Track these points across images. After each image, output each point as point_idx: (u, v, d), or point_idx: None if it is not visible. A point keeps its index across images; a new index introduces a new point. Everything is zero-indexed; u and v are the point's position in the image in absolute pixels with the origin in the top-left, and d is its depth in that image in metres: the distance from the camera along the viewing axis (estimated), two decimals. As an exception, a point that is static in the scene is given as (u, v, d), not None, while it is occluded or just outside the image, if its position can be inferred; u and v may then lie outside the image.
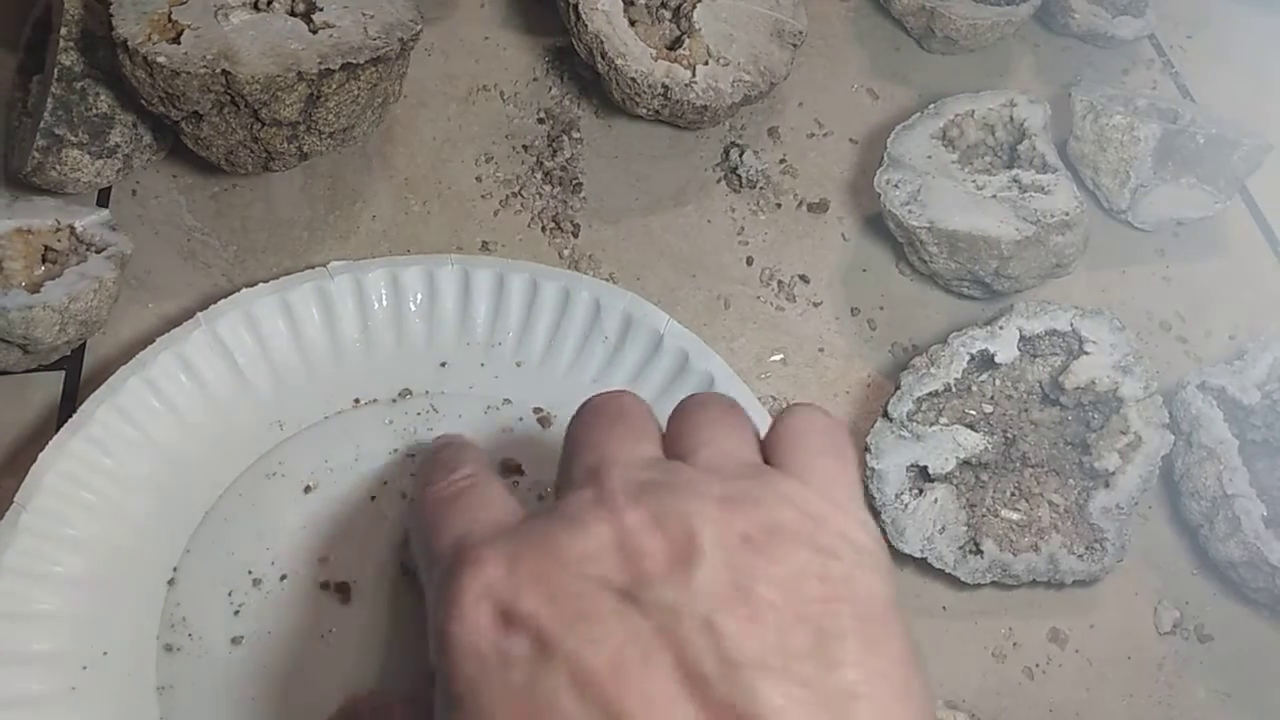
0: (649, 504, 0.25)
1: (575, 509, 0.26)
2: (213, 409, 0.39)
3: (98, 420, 0.37)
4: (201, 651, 0.35)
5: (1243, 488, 0.41)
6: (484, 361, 0.42)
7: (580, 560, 0.24)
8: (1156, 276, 0.51)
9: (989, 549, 0.39)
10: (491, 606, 0.24)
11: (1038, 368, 0.44)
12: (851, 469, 0.28)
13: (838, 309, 0.48)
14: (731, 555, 0.24)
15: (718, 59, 0.48)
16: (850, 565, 0.25)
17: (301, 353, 0.41)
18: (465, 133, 0.51)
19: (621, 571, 0.24)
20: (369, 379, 0.41)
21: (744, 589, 0.23)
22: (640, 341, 0.42)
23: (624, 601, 0.23)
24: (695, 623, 0.23)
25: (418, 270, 0.42)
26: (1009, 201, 0.46)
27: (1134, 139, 0.50)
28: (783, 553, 0.24)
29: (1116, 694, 0.40)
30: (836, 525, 0.26)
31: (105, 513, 0.36)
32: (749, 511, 0.25)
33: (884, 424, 0.41)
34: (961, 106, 0.50)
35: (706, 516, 0.25)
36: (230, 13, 0.42)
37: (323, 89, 0.41)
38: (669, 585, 0.23)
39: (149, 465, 0.38)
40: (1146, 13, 0.59)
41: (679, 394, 0.40)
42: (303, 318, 0.41)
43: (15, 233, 0.41)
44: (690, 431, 0.29)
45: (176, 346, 0.39)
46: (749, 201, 0.51)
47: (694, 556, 0.24)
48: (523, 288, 0.43)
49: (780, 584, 0.24)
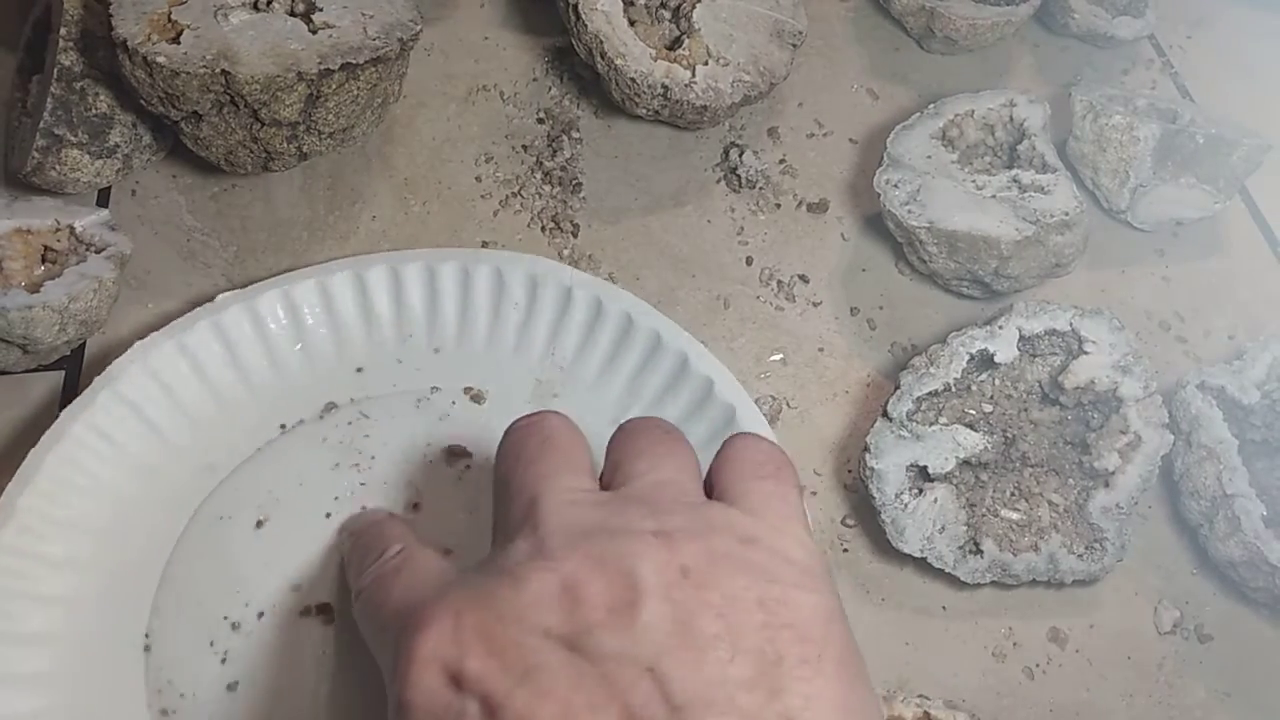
0: (586, 549, 0.25)
1: (513, 562, 0.26)
2: (138, 472, 0.38)
3: (21, 509, 0.35)
4: (198, 707, 0.34)
5: (1242, 487, 0.41)
6: (400, 357, 0.42)
7: (522, 613, 0.24)
8: (1156, 276, 0.51)
9: (989, 549, 0.39)
10: (440, 669, 0.24)
11: (1037, 367, 0.44)
12: (788, 489, 0.28)
13: (837, 309, 0.48)
14: (671, 591, 0.24)
15: (717, 59, 0.48)
16: (787, 586, 0.25)
17: (213, 392, 0.40)
18: (465, 133, 0.51)
19: (565, 621, 0.24)
20: (290, 402, 0.40)
21: (685, 624, 0.24)
22: (550, 299, 0.42)
23: (571, 651, 0.23)
24: (639, 669, 0.23)
25: (309, 284, 0.41)
26: (1008, 201, 0.46)
27: (1133, 139, 0.50)
28: (720, 581, 0.25)
29: (1117, 694, 0.40)
30: (771, 544, 0.26)
31: (60, 599, 0.35)
32: (685, 544, 0.25)
33: (883, 424, 0.41)
34: (961, 106, 0.50)
35: (643, 555, 0.25)
36: (230, 13, 0.42)
37: (322, 89, 0.41)
38: (612, 632, 0.23)
39: (89, 546, 0.36)
40: (1146, 13, 0.59)
41: (600, 339, 0.42)
42: (205, 358, 0.40)
43: (15, 233, 0.41)
44: (627, 460, 0.29)
45: (86, 415, 0.37)
46: (749, 201, 0.51)
47: (635, 599, 0.24)
48: (420, 276, 0.42)
49: (719, 614, 0.24)
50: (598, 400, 0.42)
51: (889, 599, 0.41)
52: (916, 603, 0.41)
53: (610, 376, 0.42)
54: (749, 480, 0.28)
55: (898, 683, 0.39)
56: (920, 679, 0.39)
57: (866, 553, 0.42)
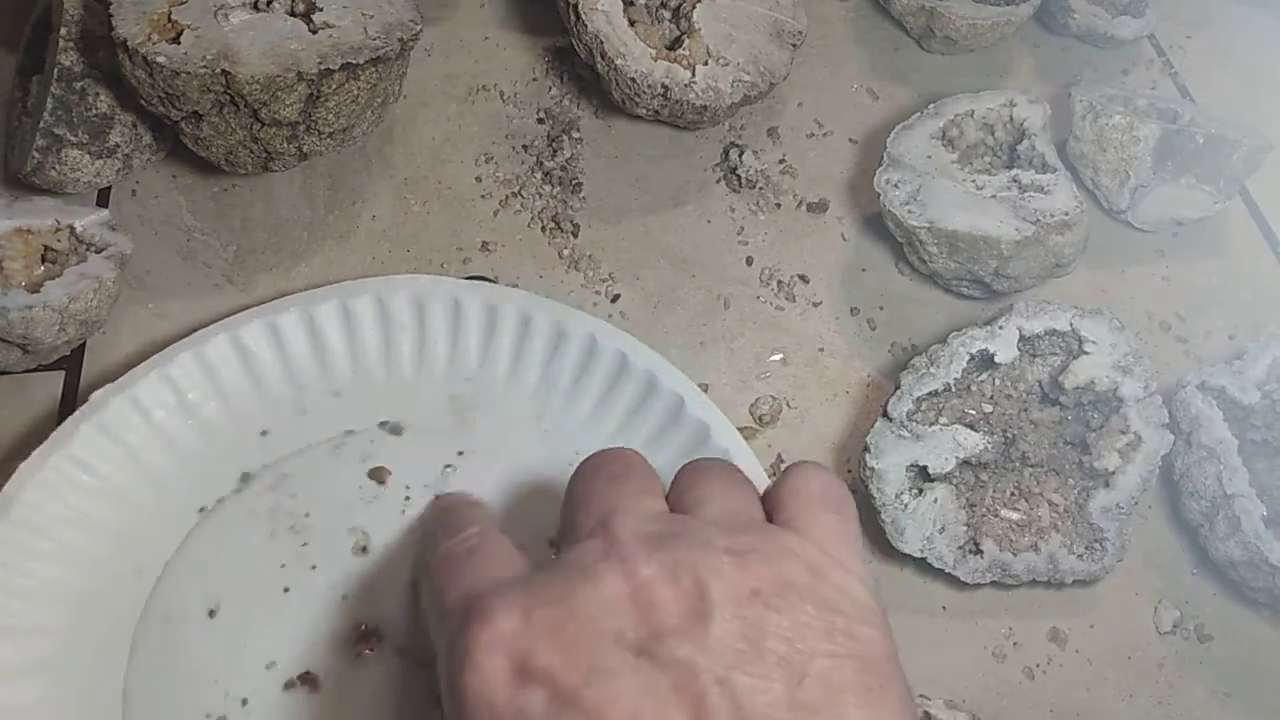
0: (661, 556, 0.26)
1: (587, 560, 0.26)
2: (69, 601, 0.35)
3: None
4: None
5: (1242, 488, 0.41)
6: (302, 409, 0.40)
7: (594, 613, 0.25)
8: (1156, 276, 0.51)
9: (989, 549, 0.39)
10: (506, 659, 0.24)
11: (1037, 367, 0.44)
12: (851, 525, 0.29)
13: (837, 309, 0.48)
14: (742, 609, 0.25)
15: (717, 59, 0.48)
16: (852, 619, 0.25)
17: (118, 494, 0.37)
18: (465, 133, 0.51)
19: (637, 625, 0.24)
20: (202, 483, 0.38)
21: (755, 643, 0.24)
22: (439, 314, 0.41)
23: (640, 656, 0.24)
24: (710, 679, 0.23)
25: (186, 357, 0.39)
26: (1009, 201, 0.46)
27: (1133, 139, 0.50)
28: (790, 606, 0.25)
29: (1117, 694, 0.40)
30: (838, 580, 0.26)
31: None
32: (757, 566, 0.26)
33: (884, 424, 0.41)
34: (961, 106, 0.50)
35: (717, 570, 0.25)
36: (230, 13, 0.42)
37: (322, 89, 0.41)
38: (684, 641, 0.24)
39: (39, 689, 0.34)
40: (1146, 13, 0.59)
41: (501, 342, 0.41)
42: (98, 463, 0.37)
43: (15, 233, 0.41)
44: (694, 487, 0.29)
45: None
46: (748, 201, 0.51)
47: (707, 611, 0.24)
48: (299, 323, 0.41)
49: (788, 638, 0.24)
50: (512, 401, 0.41)
51: (889, 599, 0.41)
52: (916, 603, 0.41)
53: (520, 376, 0.42)
54: (816, 513, 0.28)
55: (898, 683, 0.39)
56: (920, 679, 0.39)
57: (866, 553, 0.42)
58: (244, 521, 0.38)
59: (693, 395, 0.40)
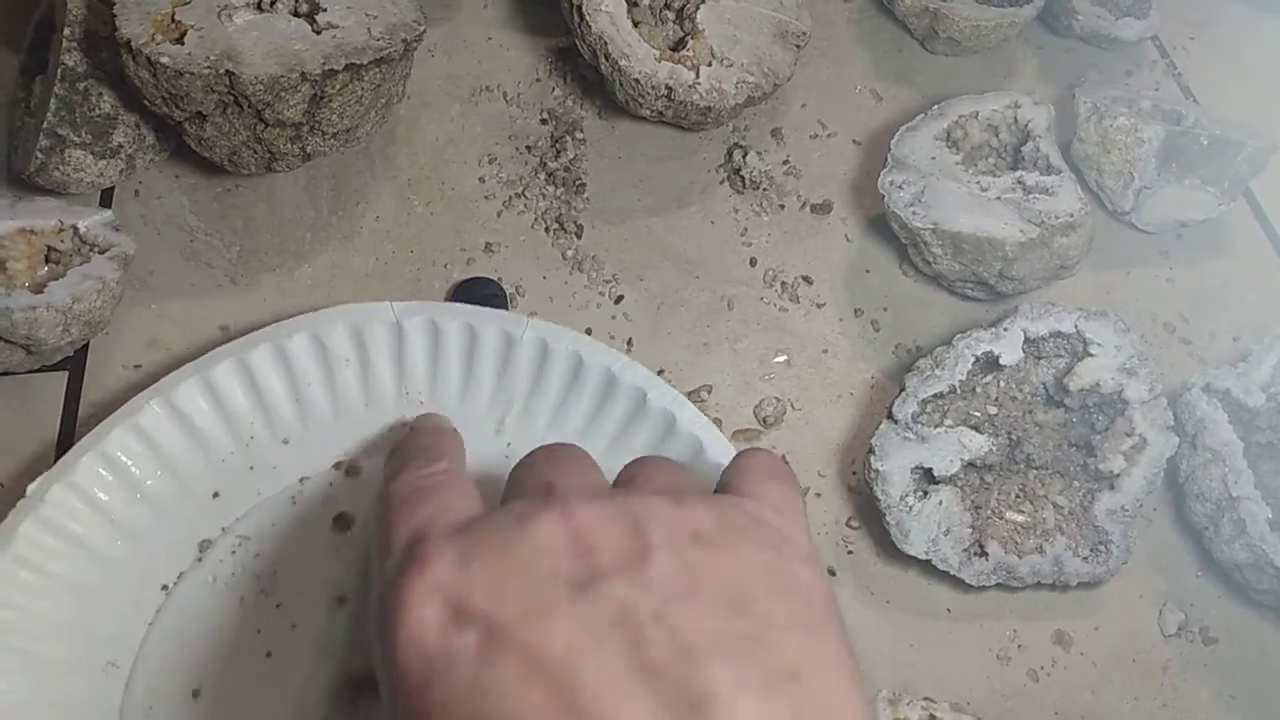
0: (602, 505, 0.26)
1: (528, 509, 0.26)
2: (48, 707, 0.34)
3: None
4: None
5: (1248, 490, 0.41)
6: (251, 464, 0.38)
7: (533, 555, 0.25)
8: (1160, 278, 0.51)
9: (994, 551, 0.39)
10: (440, 604, 0.24)
11: (1042, 369, 0.44)
12: (795, 493, 0.30)
13: (841, 310, 0.48)
14: (681, 549, 0.25)
15: (721, 60, 0.48)
16: (793, 561, 0.26)
17: (75, 589, 0.35)
18: (468, 133, 0.51)
19: (575, 566, 0.24)
20: (161, 561, 0.37)
21: (695, 580, 0.24)
22: (381, 340, 0.40)
23: (577, 593, 0.24)
24: (648, 613, 0.23)
25: (121, 430, 0.37)
26: (1013, 203, 0.46)
27: (1137, 140, 0.49)
28: (730, 546, 0.25)
29: (1121, 696, 0.40)
30: (778, 527, 0.27)
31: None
32: (698, 509, 0.26)
33: (888, 426, 0.41)
34: (965, 108, 0.50)
35: (656, 514, 0.26)
36: (234, 13, 0.41)
37: (326, 90, 0.41)
38: (622, 579, 0.24)
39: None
40: (1150, 14, 0.58)
41: (450, 359, 0.40)
42: (44, 560, 0.35)
43: (19, 233, 0.41)
44: (638, 472, 0.30)
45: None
46: (752, 202, 0.51)
47: (646, 551, 0.25)
48: (234, 374, 0.39)
49: (727, 576, 0.25)
50: (468, 417, 0.40)
51: (893, 601, 0.41)
52: (921, 605, 0.41)
53: (474, 391, 0.41)
54: (759, 482, 0.29)
55: (902, 686, 0.39)
56: (925, 682, 0.39)
57: (871, 555, 0.42)
58: (211, 592, 0.36)
59: (655, 386, 0.40)
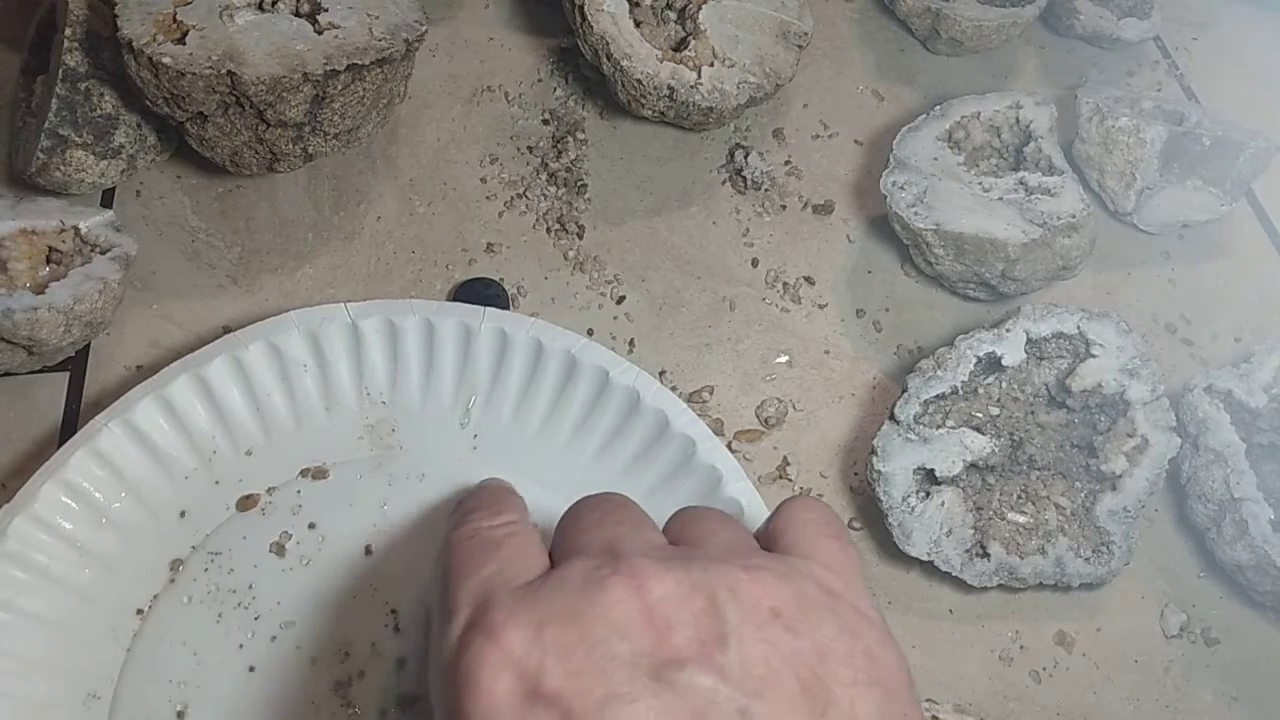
0: (674, 573, 0.25)
1: (595, 574, 0.25)
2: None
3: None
4: None
5: (1250, 491, 0.41)
6: (216, 479, 0.38)
7: (606, 631, 0.23)
8: (1162, 279, 0.51)
9: (996, 552, 0.39)
10: (514, 678, 0.23)
11: (1044, 370, 0.44)
12: (851, 550, 0.28)
13: (843, 311, 0.48)
14: (762, 631, 0.24)
15: (723, 60, 0.48)
16: (871, 643, 0.25)
17: (41, 628, 0.34)
18: (470, 134, 0.51)
19: (652, 648, 0.23)
20: (133, 585, 0.36)
21: (775, 669, 0.23)
22: (337, 341, 0.39)
23: (656, 681, 0.23)
24: (732, 709, 0.22)
25: (80, 456, 0.36)
26: (1015, 204, 0.46)
27: (1139, 141, 0.49)
28: (809, 629, 0.24)
29: (1123, 697, 0.40)
30: (851, 601, 0.26)
31: None
32: (773, 584, 0.25)
33: (890, 426, 0.41)
34: (967, 108, 0.50)
35: (733, 588, 0.24)
36: (235, 13, 0.41)
37: (328, 90, 0.41)
38: (703, 667, 0.23)
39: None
40: (1152, 14, 0.58)
41: (410, 360, 0.40)
42: (11, 594, 0.34)
43: (20, 234, 0.41)
44: (690, 524, 0.29)
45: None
46: (754, 203, 0.51)
47: (725, 633, 0.23)
48: (192, 389, 0.38)
49: (810, 661, 0.24)
50: (431, 414, 0.40)
51: (895, 602, 0.41)
52: (923, 606, 0.41)
53: (435, 386, 0.40)
54: (816, 538, 0.28)
55: (904, 686, 0.39)
56: (927, 683, 0.39)
57: (873, 556, 0.42)
58: (187, 612, 0.36)
59: (617, 365, 0.39)
